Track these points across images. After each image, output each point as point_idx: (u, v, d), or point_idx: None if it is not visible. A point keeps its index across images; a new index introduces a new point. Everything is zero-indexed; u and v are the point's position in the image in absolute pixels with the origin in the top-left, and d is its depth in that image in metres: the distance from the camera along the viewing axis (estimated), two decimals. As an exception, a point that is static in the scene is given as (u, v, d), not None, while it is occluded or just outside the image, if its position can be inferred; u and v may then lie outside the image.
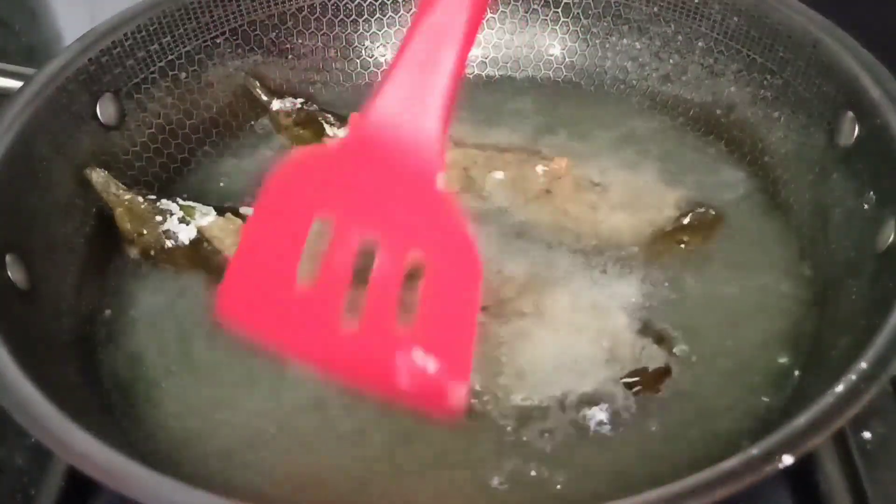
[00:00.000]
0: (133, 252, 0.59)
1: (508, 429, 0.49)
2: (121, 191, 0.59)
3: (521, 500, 0.47)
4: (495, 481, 0.47)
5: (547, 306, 0.54)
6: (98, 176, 0.59)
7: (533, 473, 0.48)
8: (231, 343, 0.54)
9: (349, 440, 0.50)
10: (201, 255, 0.58)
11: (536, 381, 0.51)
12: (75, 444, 0.41)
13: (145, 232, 0.59)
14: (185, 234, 0.58)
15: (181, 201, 0.60)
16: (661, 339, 0.53)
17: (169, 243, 0.58)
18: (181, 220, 0.59)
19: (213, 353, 0.54)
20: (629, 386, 0.51)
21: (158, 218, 0.59)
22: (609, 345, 0.53)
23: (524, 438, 0.49)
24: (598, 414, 0.50)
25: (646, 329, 0.54)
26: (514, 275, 0.56)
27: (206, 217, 0.59)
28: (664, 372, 0.51)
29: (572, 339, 0.53)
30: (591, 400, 0.50)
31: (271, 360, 0.53)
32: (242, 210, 0.61)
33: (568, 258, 0.58)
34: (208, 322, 0.55)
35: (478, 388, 0.51)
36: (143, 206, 0.59)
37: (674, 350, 0.52)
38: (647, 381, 0.51)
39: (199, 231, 0.58)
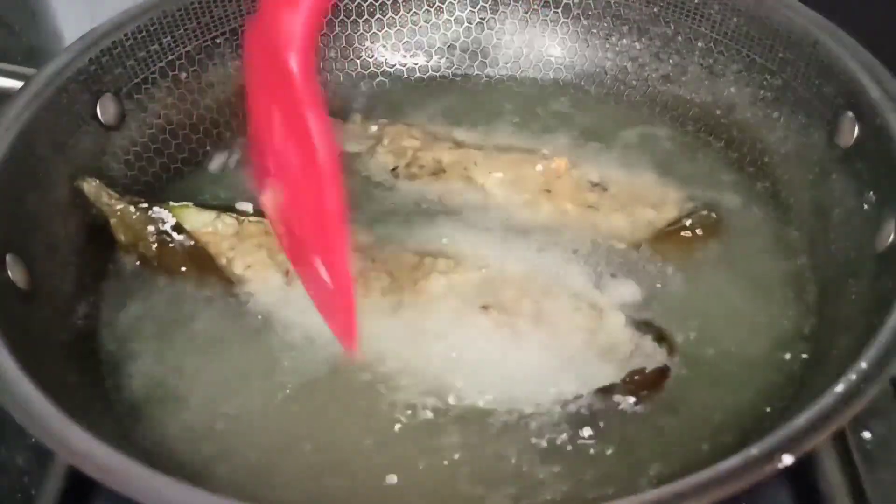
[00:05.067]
0: (130, 260, 0.59)
1: (505, 429, 0.49)
2: (113, 200, 0.59)
3: (517, 499, 0.47)
4: (492, 480, 0.48)
5: (545, 306, 0.54)
6: (90, 186, 0.58)
7: (530, 473, 0.48)
8: (229, 344, 0.55)
9: (352, 440, 0.50)
10: (197, 262, 0.58)
11: (534, 381, 0.51)
12: (75, 443, 0.41)
13: (139, 242, 0.58)
14: (180, 243, 0.58)
15: (174, 205, 0.60)
16: (661, 338, 0.53)
17: (163, 252, 0.58)
18: (174, 228, 0.58)
19: (213, 353, 0.54)
20: (628, 387, 0.51)
21: (151, 227, 0.58)
22: (607, 345, 0.53)
23: (521, 438, 0.49)
24: (596, 414, 0.50)
25: (645, 328, 0.54)
26: (512, 274, 0.56)
27: (201, 218, 0.59)
28: (663, 372, 0.51)
29: (570, 339, 0.53)
30: (588, 400, 0.50)
31: (268, 361, 0.53)
32: (238, 206, 0.61)
33: (567, 258, 0.58)
34: (207, 323, 0.56)
35: (476, 387, 0.51)
36: (135, 217, 0.58)
37: (673, 349, 0.52)
38: (646, 381, 0.51)
39: (194, 237, 0.58)
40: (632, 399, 0.50)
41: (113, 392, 0.52)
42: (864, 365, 0.42)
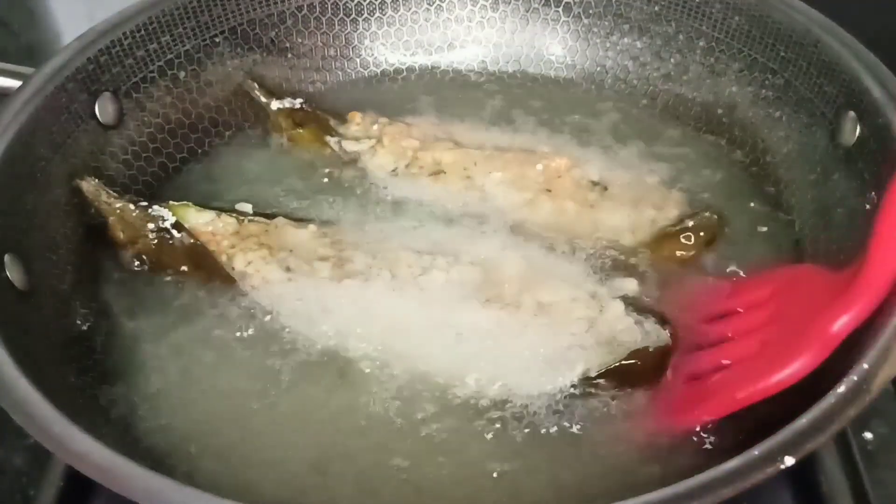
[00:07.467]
0: (129, 259, 0.59)
1: (504, 417, 0.50)
2: (112, 199, 0.58)
3: (521, 485, 0.47)
4: (497, 469, 0.48)
5: (544, 298, 0.54)
6: (88, 185, 0.58)
7: (531, 462, 0.48)
8: (230, 341, 0.55)
9: (352, 439, 0.50)
10: (197, 260, 0.58)
11: (534, 370, 0.51)
12: (73, 444, 0.41)
13: (139, 240, 0.58)
14: (179, 240, 0.58)
15: (174, 203, 0.60)
16: (663, 320, 0.53)
17: (163, 250, 0.58)
18: (174, 226, 0.58)
19: (211, 353, 0.54)
20: (630, 367, 0.50)
21: (151, 225, 0.58)
22: (608, 332, 0.52)
23: (517, 426, 0.49)
24: (598, 404, 0.50)
25: (645, 312, 0.53)
26: (513, 271, 0.56)
27: (200, 218, 0.59)
28: (665, 351, 0.51)
29: (570, 327, 0.53)
30: (590, 385, 0.50)
31: (268, 357, 0.53)
32: (238, 206, 0.61)
33: (567, 256, 0.58)
34: (207, 320, 0.56)
35: (478, 379, 0.51)
36: (134, 214, 0.58)
37: (676, 333, 0.52)
38: (649, 362, 0.51)
39: (194, 235, 0.58)
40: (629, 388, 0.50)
41: (111, 392, 0.52)
42: (865, 366, 0.42)
